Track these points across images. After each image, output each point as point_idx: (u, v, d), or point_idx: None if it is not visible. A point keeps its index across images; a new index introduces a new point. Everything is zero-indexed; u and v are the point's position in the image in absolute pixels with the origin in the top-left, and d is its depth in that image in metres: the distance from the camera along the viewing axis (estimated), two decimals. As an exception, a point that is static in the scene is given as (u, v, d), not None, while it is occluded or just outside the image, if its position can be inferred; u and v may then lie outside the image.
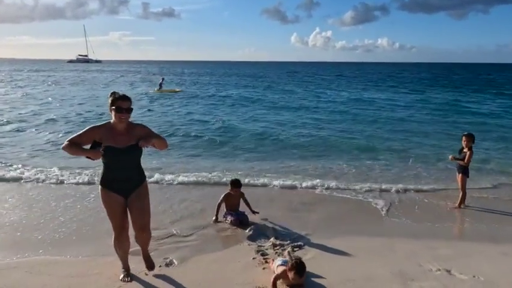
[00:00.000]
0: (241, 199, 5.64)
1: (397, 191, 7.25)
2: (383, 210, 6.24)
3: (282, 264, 3.74)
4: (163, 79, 31.56)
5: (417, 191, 7.38)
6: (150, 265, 3.92)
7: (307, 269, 3.67)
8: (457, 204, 6.39)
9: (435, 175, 8.38)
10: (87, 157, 3.21)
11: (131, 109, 3.38)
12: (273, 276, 3.69)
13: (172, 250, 4.55)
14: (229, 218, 5.42)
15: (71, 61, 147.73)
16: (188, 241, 4.85)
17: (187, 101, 25.25)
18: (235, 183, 5.56)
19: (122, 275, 3.80)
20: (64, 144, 3.28)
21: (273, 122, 16.43)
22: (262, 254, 4.43)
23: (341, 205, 6.54)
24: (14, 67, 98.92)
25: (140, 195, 3.58)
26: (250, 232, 5.12)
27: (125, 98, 3.34)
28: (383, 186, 7.46)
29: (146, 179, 3.74)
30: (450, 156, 6.54)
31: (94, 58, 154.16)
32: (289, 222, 5.51)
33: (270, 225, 5.40)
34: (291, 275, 3.53)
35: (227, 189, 5.61)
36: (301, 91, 33.91)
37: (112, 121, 3.39)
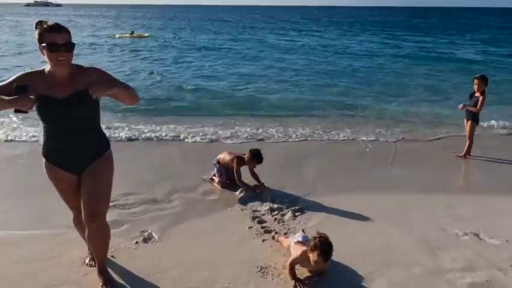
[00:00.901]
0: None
1: (396, 141, 6.68)
2: (387, 161, 5.63)
3: (301, 242, 2.95)
4: (132, 32, 29.27)
5: (416, 140, 6.83)
6: (106, 279, 2.74)
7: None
8: (462, 154, 5.85)
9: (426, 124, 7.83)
10: (15, 111, 2.22)
11: (73, 44, 2.24)
12: (290, 259, 2.87)
13: (150, 220, 3.77)
14: (217, 177, 4.64)
15: (28, 5, 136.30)
16: (169, 208, 4.06)
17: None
18: (258, 159, 4.51)
19: (87, 258, 3.02)
20: None
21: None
22: (260, 222, 3.74)
23: (339, 157, 5.88)
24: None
25: (96, 172, 2.49)
26: (241, 194, 4.39)
27: (60, 29, 2.20)
28: (380, 138, 6.85)
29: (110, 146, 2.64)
30: (460, 106, 5.86)
31: (54, 2, 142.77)
32: (284, 180, 4.81)
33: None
34: (313, 256, 2.67)
35: (240, 153, 4.67)
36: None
37: (48, 67, 2.31)
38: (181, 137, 6.62)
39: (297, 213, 3.92)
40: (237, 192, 4.42)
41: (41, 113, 2.29)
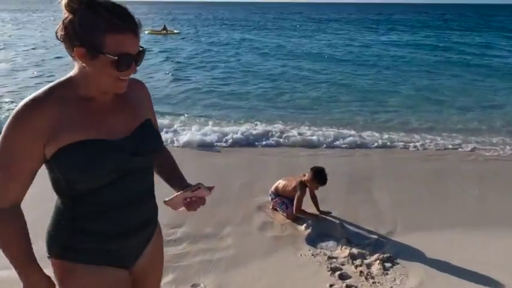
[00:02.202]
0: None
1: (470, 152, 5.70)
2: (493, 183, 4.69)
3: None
4: (164, 27, 28.27)
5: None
6: None
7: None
8: None
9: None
10: None
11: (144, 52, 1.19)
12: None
13: (201, 267, 2.98)
14: (283, 211, 3.81)
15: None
16: (222, 249, 3.28)
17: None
18: (322, 180, 3.70)
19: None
20: None
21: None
22: (342, 277, 2.89)
23: (417, 176, 4.94)
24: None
25: (156, 263, 1.50)
26: (309, 230, 3.56)
27: (135, 25, 1.11)
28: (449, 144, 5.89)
29: None
30: None
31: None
32: (354, 210, 3.95)
33: (332, 218, 3.82)
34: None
35: (300, 176, 3.84)
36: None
37: (76, 79, 1.16)
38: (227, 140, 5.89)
39: (387, 265, 3.04)
40: (303, 228, 3.59)
41: (82, 177, 1.14)
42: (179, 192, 1.34)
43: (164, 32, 27.32)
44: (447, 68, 14.02)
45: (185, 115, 7.45)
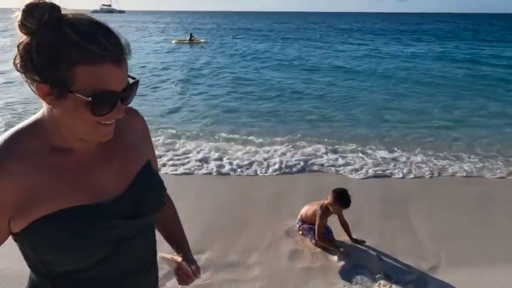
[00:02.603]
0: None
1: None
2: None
3: None
4: (191, 36, 28.35)
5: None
6: None
7: None
8: None
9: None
10: None
11: (136, 85, 0.87)
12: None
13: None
14: (312, 236, 3.53)
15: (95, 11, 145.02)
16: (249, 280, 3.02)
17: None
18: (345, 202, 3.39)
19: None
20: None
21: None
22: (382, 322, 2.59)
23: (459, 199, 4.54)
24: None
25: None
26: (342, 262, 3.26)
27: (123, 50, 0.81)
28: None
29: None
30: None
31: (118, 8, 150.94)
32: (391, 239, 3.62)
33: (366, 248, 3.52)
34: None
35: (323, 200, 3.53)
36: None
37: (44, 122, 0.86)
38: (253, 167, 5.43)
39: (433, 308, 2.73)
40: (335, 258, 3.30)
41: (63, 258, 0.86)
42: (175, 259, 1.16)
43: (192, 41, 27.44)
44: (480, 83, 13.21)
45: (216, 136, 6.85)
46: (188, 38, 27.88)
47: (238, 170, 5.34)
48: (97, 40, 0.75)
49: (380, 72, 15.55)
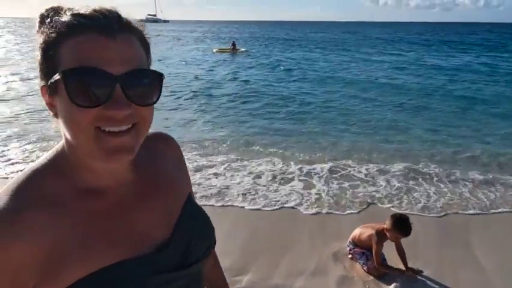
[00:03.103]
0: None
1: None
2: None
3: None
4: (233, 45, 28.23)
5: None
6: None
7: None
8: None
9: None
10: None
11: (156, 92, 0.65)
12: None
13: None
14: (363, 264, 3.26)
15: (140, 21, 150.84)
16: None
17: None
18: (405, 231, 3.07)
19: None
20: None
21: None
22: None
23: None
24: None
25: None
26: (397, 292, 2.96)
27: (105, 21, 0.61)
28: None
29: None
30: None
31: (162, 18, 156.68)
32: (452, 270, 3.27)
33: (424, 278, 3.18)
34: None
35: (381, 223, 3.26)
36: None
37: (63, 154, 0.68)
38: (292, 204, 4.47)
39: None
40: (392, 287, 3.00)
41: None
42: None
43: (233, 49, 27.38)
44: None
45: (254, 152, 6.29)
46: (230, 47, 27.95)
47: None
48: (83, 12, 0.62)
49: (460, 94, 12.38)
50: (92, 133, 0.59)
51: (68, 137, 0.63)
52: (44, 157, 0.69)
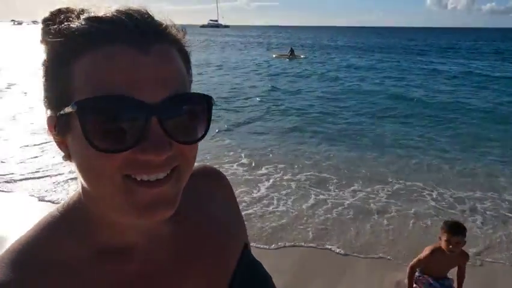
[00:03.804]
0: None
1: None
2: None
3: None
4: (291, 51, 27.97)
5: None
6: None
7: None
8: None
9: None
10: None
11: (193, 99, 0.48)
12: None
13: None
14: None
15: (203, 26, 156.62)
16: None
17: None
18: (458, 230, 2.75)
19: None
20: None
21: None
22: None
23: None
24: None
25: None
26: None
27: (147, 32, 0.46)
28: None
29: None
30: None
31: (223, 23, 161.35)
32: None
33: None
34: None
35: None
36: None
37: (80, 205, 0.52)
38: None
39: None
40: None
41: None
42: None
43: (292, 55, 27.05)
44: None
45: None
46: (288, 53, 27.83)
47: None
48: (102, 15, 0.45)
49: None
50: (120, 183, 0.44)
51: (86, 186, 0.47)
52: (55, 210, 0.54)
